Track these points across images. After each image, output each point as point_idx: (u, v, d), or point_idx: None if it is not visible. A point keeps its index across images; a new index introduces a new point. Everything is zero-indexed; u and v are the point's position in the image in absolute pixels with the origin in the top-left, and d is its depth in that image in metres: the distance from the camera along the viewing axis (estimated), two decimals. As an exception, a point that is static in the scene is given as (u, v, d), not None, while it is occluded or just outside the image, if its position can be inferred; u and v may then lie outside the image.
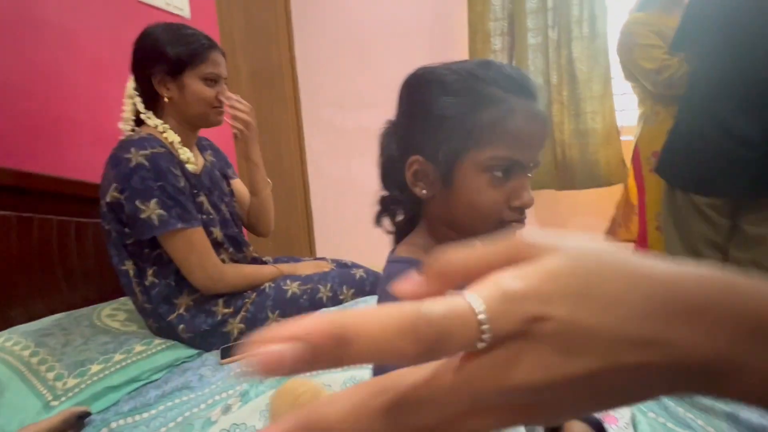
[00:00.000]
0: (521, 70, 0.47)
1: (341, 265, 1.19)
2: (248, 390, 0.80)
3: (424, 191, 0.47)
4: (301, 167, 2.39)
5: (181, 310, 0.98)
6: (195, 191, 0.99)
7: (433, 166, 0.46)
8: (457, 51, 2.02)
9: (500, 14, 1.88)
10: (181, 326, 0.97)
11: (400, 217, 0.54)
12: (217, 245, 1.01)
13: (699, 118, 1.08)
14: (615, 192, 1.82)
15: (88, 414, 0.76)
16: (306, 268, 1.14)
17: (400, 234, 0.54)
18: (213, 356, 0.96)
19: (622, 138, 1.81)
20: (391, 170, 0.52)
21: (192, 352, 0.98)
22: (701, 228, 1.14)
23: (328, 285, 1.08)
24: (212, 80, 0.97)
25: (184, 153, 0.97)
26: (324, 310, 1.05)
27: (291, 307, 1.04)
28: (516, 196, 0.45)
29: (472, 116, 0.43)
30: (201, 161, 1.07)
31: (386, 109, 2.24)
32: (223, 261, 1.01)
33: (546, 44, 1.81)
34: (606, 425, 0.61)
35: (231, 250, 1.05)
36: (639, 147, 1.51)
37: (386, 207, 0.54)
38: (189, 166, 0.98)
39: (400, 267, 0.48)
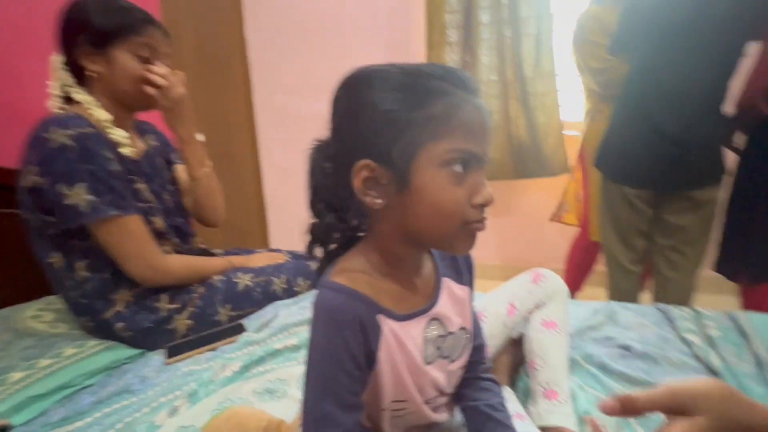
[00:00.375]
0: (460, 68, 0.46)
1: (297, 257, 1.16)
2: (197, 390, 0.76)
3: (378, 200, 0.43)
4: (252, 155, 2.29)
5: (120, 307, 0.91)
6: (132, 177, 0.91)
7: (386, 169, 0.42)
8: (414, 42, 2.02)
9: (456, 6, 1.90)
10: (120, 324, 0.90)
11: (333, 245, 0.49)
12: (159, 235, 0.93)
13: (632, 116, 1.17)
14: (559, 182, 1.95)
15: (8, 427, 0.68)
16: (259, 260, 1.10)
17: (331, 259, 0.50)
18: (157, 355, 0.90)
19: (566, 132, 1.92)
20: (324, 192, 0.47)
21: (133, 352, 0.91)
22: (630, 217, 1.24)
23: (283, 277, 1.05)
24: (146, 58, 0.89)
25: (117, 134, 0.88)
26: (278, 302, 1.02)
27: (243, 301, 1.00)
28: (477, 192, 0.43)
29: (425, 108, 0.41)
30: (141, 146, 0.98)
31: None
32: (167, 253, 0.94)
33: (501, 40, 1.86)
34: (548, 400, 0.66)
35: (175, 240, 0.98)
36: (585, 142, 1.61)
37: (319, 236, 0.49)
38: (125, 150, 0.90)
39: (335, 298, 0.44)
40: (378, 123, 0.42)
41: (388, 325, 0.45)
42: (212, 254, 1.08)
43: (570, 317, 0.78)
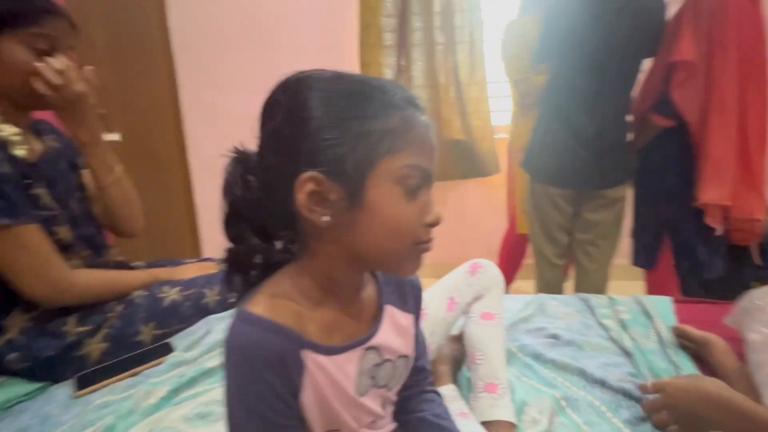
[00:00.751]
0: (400, 84, 0.44)
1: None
2: (115, 424, 0.67)
3: (326, 217, 0.39)
4: (180, 155, 2.12)
5: (13, 334, 0.77)
6: (28, 181, 0.78)
7: (336, 183, 0.38)
8: (349, 44, 2.01)
9: (391, 11, 1.92)
10: (13, 355, 0.77)
11: (254, 272, 0.43)
12: (65, 248, 0.82)
13: (553, 122, 1.28)
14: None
15: None
16: (188, 271, 1.00)
17: (250, 288, 0.43)
18: (64, 388, 0.78)
19: (498, 136, 2.03)
20: (247, 209, 0.42)
21: (31, 387, 0.78)
22: (554, 214, 1.35)
23: (216, 288, 0.97)
24: (44, 49, 0.77)
25: (6, 132, 0.75)
26: (211, 317, 0.94)
27: (170, 317, 0.90)
28: (428, 211, 0.41)
29: (384, 119, 0.39)
30: (38, 147, 0.85)
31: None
32: (75, 267, 0.83)
33: (432, 46, 1.92)
34: (488, 394, 0.68)
35: (86, 253, 0.87)
36: (510, 143, 1.72)
37: (240, 262, 0.43)
38: (18, 151, 0.77)
39: (249, 333, 0.39)
40: (330, 131, 0.38)
41: (314, 360, 0.41)
42: (132, 267, 0.97)
43: (505, 310, 0.82)
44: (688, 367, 0.80)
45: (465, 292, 0.76)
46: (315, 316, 0.42)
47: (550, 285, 1.43)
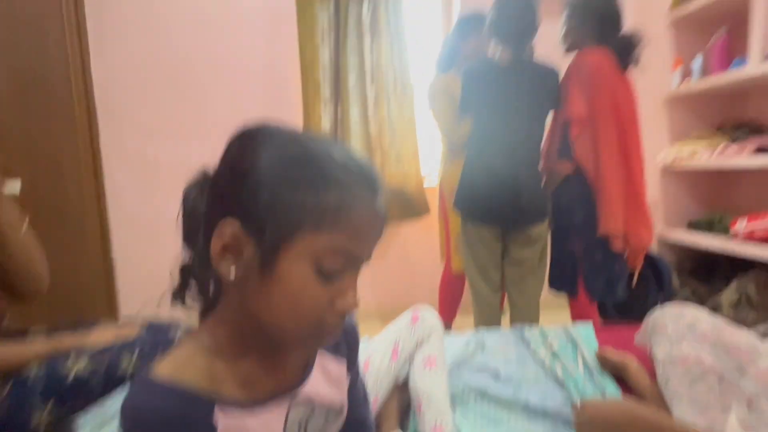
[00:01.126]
0: (368, 162, 0.41)
1: (155, 327, 0.98)
2: None
3: (232, 272, 0.37)
4: (98, 205, 1.93)
5: None
6: None
7: (253, 243, 0.36)
8: (291, 95, 2.05)
9: (328, 66, 2.02)
10: None
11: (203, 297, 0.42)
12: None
13: (477, 165, 1.42)
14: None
15: None
16: (101, 335, 0.89)
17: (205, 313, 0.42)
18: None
19: (427, 179, 2.16)
20: (196, 230, 0.41)
21: None
22: (486, 252, 1.45)
23: (135, 353, 0.86)
24: None
25: None
26: (125, 386, 0.82)
27: (75, 395, 0.78)
28: (342, 297, 0.38)
29: (317, 194, 0.36)
30: None
31: (209, 142, 2.05)
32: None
33: (365, 99, 2.05)
34: (427, 367, 0.73)
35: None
36: (441, 186, 1.83)
37: (186, 279, 0.42)
38: None
39: (149, 399, 0.36)
40: (261, 188, 0.36)
41: (230, 420, 0.38)
42: (24, 335, 0.83)
43: (447, 350, 0.84)
44: (611, 389, 0.86)
45: (407, 340, 0.78)
46: (234, 369, 0.40)
47: (487, 319, 1.50)
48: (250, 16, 2.00)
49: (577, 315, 1.53)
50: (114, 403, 0.79)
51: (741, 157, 1.68)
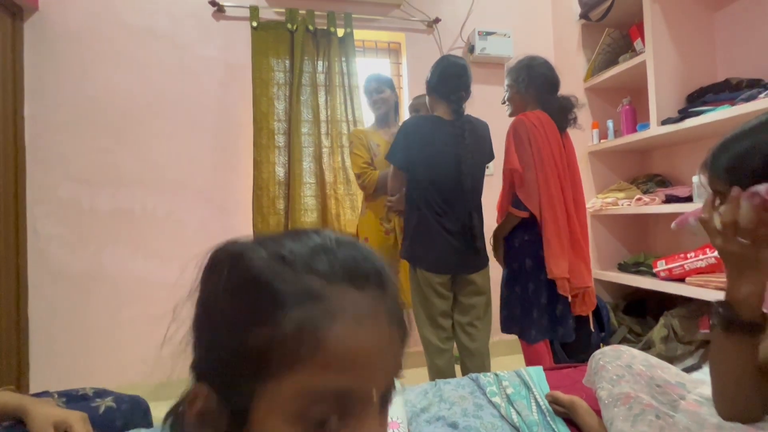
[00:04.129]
0: (358, 252, 0.31)
1: (74, 398, 0.86)
2: None
3: None
4: (16, 257, 1.73)
5: None
6: None
7: (223, 405, 0.28)
8: (242, 143, 2.06)
9: (282, 116, 2.07)
10: None
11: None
12: None
13: (423, 216, 1.46)
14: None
15: None
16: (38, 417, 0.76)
17: None
18: None
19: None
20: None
21: None
22: (436, 301, 1.47)
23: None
24: None
25: None
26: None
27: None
28: None
29: (268, 321, 0.27)
30: None
31: (153, 189, 2.00)
32: None
33: (320, 149, 2.10)
34: (393, 429, 0.66)
35: None
36: (360, 232, 1.86)
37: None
38: None
39: None
40: (214, 335, 0.29)
41: None
42: None
43: (406, 402, 0.81)
44: (562, 430, 0.88)
45: None
46: None
47: (440, 369, 1.48)
48: (203, 63, 2.03)
49: (529, 356, 1.57)
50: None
51: (653, 205, 1.92)
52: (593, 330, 1.95)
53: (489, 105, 1.83)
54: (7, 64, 1.72)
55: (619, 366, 0.84)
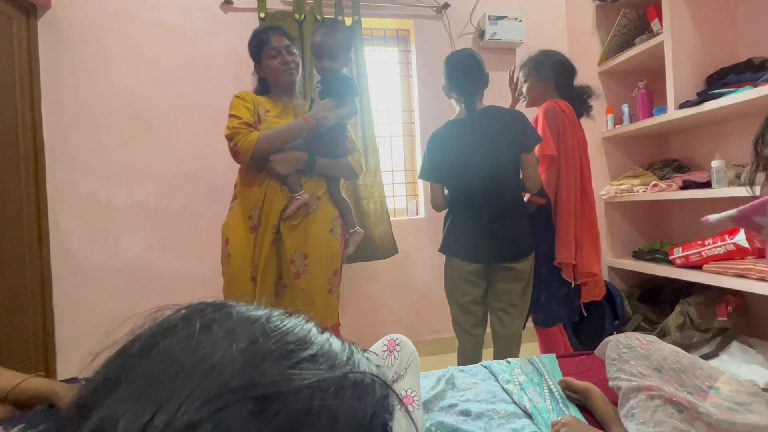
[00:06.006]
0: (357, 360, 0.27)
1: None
2: None
3: None
4: (39, 250, 1.79)
5: None
6: None
7: None
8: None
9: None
10: None
11: None
12: None
13: (458, 213, 1.49)
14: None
15: None
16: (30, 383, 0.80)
17: None
18: None
19: (394, 218, 2.20)
20: None
21: None
22: (467, 289, 1.49)
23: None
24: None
25: None
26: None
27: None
28: None
29: None
30: None
31: (168, 183, 2.03)
32: None
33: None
34: (407, 405, 0.68)
35: None
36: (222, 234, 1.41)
37: None
38: None
39: None
40: None
41: None
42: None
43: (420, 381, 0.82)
44: (575, 415, 0.88)
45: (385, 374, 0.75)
46: None
47: (468, 353, 1.52)
48: (214, 56, 2.04)
49: (543, 340, 1.59)
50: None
51: (670, 191, 1.88)
52: (607, 318, 1.93)
53: (500, 92, 1.80)
54: (23, 62, 1.76)
55: (639, 357, 0.84)
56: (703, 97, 1.70)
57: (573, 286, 1.52)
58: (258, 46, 1.40)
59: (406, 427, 0.72)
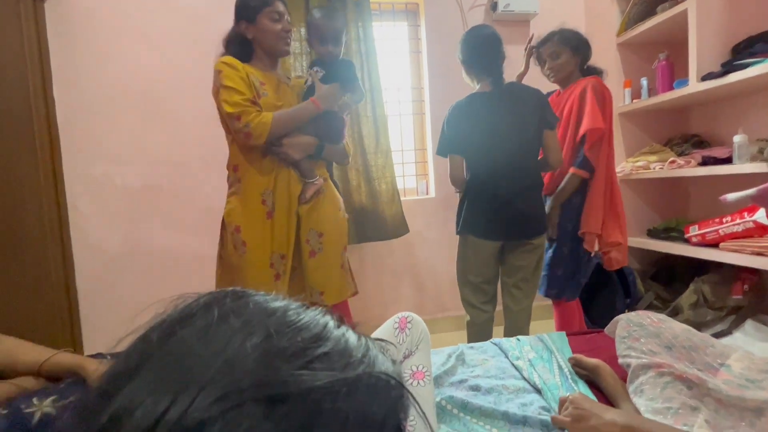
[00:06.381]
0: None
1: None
2: None
3: None
4: (60, 233, 1.84)
5: None
6: None
7: None
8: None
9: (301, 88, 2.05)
10: None
11: None
12: None
13: (482, 193, 1.47)
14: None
15: None
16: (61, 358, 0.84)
17: None
18: None
19: (404, 198, 2.20)
20: None
21: None
22: (481, 267, 1.51)
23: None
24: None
25: None
26: None
27: (41, 435, 0.73)
28: None
29: None
30: None
31: (181, 165, 2.05)
32: None
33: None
34: (415, 380, 0.72)
35: None
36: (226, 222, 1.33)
37: None
38: None
39: None
40: None
41: None
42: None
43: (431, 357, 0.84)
44: (584, 392, 0.90)
45: (394, 352, 0.77)
46: None
47: (478, 332, 1.55)
48: (222, 36, 2.00)
49: (562, 316, 1.62)
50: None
51: (688, 168, 1.83)
52: (619, 296, 1.93)
53: (512, 66, 1.74)
54: (33, 46, 1.76)
55: (649, 335, 0.84)
56: (727, 68, 1.62)
57: (592, 255, 1.59)
58: (260, 4, 1.27)
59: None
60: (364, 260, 2.21)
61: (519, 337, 1.20)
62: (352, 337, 0.27)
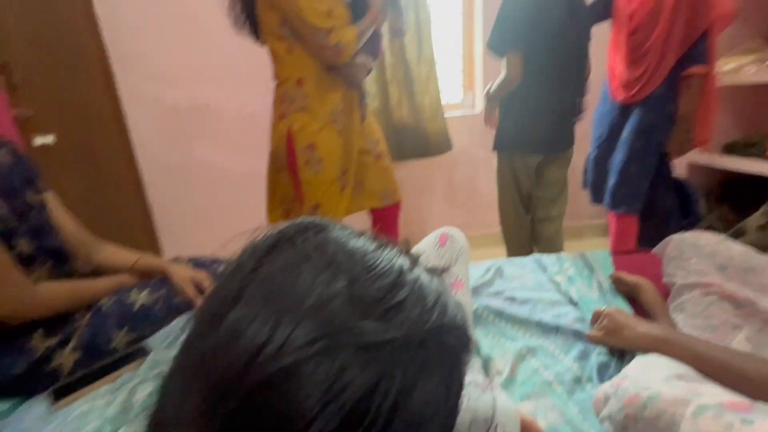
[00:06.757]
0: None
1: (199, 264, 1.08)
2: (101, 427, 0.67)
3: None
4: (126, 155, 2.00)
5: (-26, 356, 0.72)
6: None
7: None
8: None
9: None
10: (-23, 377, 0.72)
11: None
12: (27, 261, 0.79)
13: (528, 99, 1.37)
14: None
15: None
16: (181, 271, 0.99)
17: None
18: (40, 402, 0.77)
19: (448, 114, 2.09)
20: None
21: (5, 405, 0.76)
22: (524, 184, 1.50)
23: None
24: None
25: None
26: (185, 314, 0.94)
27: (142, 321, 0.90)
28: None
29: None
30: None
31: (225, 85, 2.05)
32: (39, 280, 0.80)
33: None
34: (454, 290, 0.77)
35: (49, 264, 0.84)
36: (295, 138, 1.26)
37: None
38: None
39: None
40: None
41: None
42: (99, 274, 0.94)
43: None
44: (622, 307, 0.92)
45: (435, 263, 0.81)
46: None
47: (517, 249, 1.58)
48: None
49: (619, 230, 1.53)
50: (176, 326, 0.92)
51: (790, 70, 1.54)
52: (674, 217, 1.82)
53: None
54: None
55: (702, 256, 0.81)
56: None
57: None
58: None
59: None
60: (408, 176, 2.22)
61: (560, 254, 1.21)
62: (425, 278, 0.27)
